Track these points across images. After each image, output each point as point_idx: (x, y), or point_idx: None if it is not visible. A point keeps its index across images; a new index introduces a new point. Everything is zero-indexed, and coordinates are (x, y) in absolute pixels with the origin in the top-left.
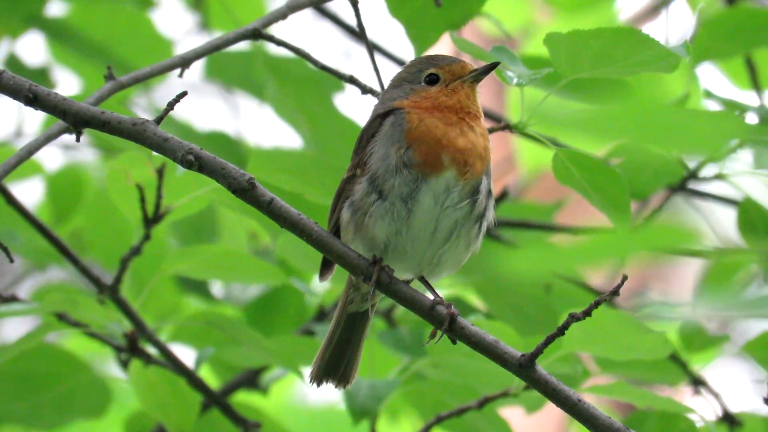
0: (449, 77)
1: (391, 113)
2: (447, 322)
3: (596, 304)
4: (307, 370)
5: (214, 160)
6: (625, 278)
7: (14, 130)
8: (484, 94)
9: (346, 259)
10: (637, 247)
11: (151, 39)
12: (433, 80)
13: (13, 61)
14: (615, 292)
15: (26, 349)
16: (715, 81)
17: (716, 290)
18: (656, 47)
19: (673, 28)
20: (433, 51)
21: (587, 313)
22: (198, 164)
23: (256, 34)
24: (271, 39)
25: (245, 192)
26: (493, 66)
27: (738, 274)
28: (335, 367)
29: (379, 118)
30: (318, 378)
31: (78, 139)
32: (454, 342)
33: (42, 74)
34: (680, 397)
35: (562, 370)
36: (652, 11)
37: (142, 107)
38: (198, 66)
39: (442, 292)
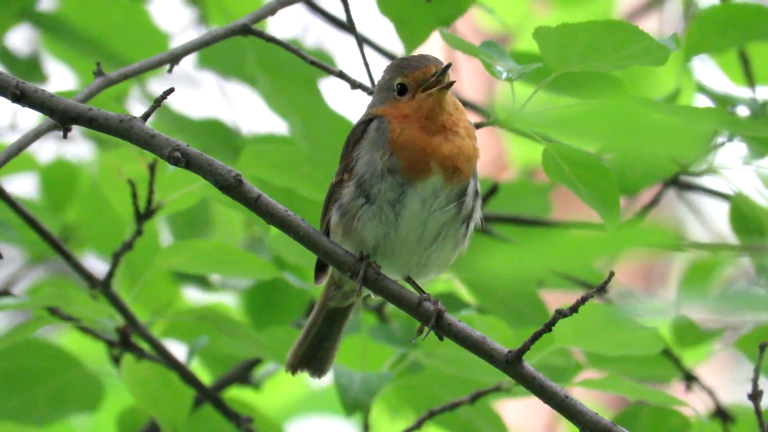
0: (415, 85)
1: (374, 119)
2: (434, 319)
3: (583, 301)
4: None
5: (200, 157)
6: (612, 274)
7: (8, 123)
8: (473, 88)
9: (333, 255)
10: (622, 246)
11: (146, 31)
12: (402, 90)
13: (4, 52)
14: (602, 289)
15: (18, 342)
16: (711, 74)
17: (698, 288)
18: (645, 40)
19: (669, 22)
20: (424, 48)
21: (574, 310)
22: (185, 161)
23: (246, 30)
24: (261, 35)
25: (232, 189)
26: (446, 68)
27: (720, 271)
28: (311, 357)
29: (363, 125)
30: (293, 367)
31: (65, 136)
32: (441, 338)
33: (33, 65)
34: (673, 393)
35: (553, 363)
36: (649, 6)
37: (135, 97)
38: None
39: (434, 288)
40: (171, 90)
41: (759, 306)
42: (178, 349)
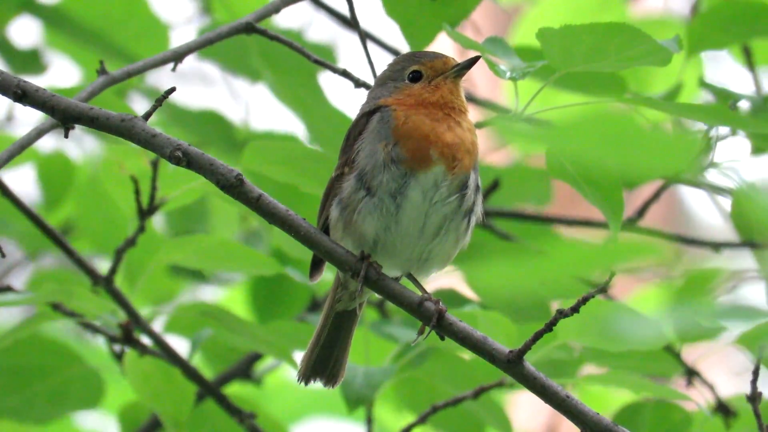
0: (432, 74)
1: (377, 111)
2: (435, 319)
3: (584, 301)
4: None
5: (201, 157)
6: (612, 274)
7: (5, 115)
8: (480, 84)
9: (334, 255)
10: (619, 258)
11: (147, 23)
12: (416, 77)
13: (3, 44)
14: (603, 289)
15: (20, 338)
16: (720, 63)
17: (689, 303)
18: (648, 42)
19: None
20: (431, 48)
21: (575, 310)
22: (186, 160)
23: (249, 28)
24: (264, 33)
25: (233, 188)
26: (474, 61)
27: (717, 281)
28: (323, 365)
29: (365, 116)
30: (306, 376)
31: (66, 135)
32: (442, 338)
33: (33, 57)
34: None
35: (556, 356)
36: None
37: (135, 92)
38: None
39: (436, 283)
40: (172, 89)
41: (753, 318)
42: (180, 345)
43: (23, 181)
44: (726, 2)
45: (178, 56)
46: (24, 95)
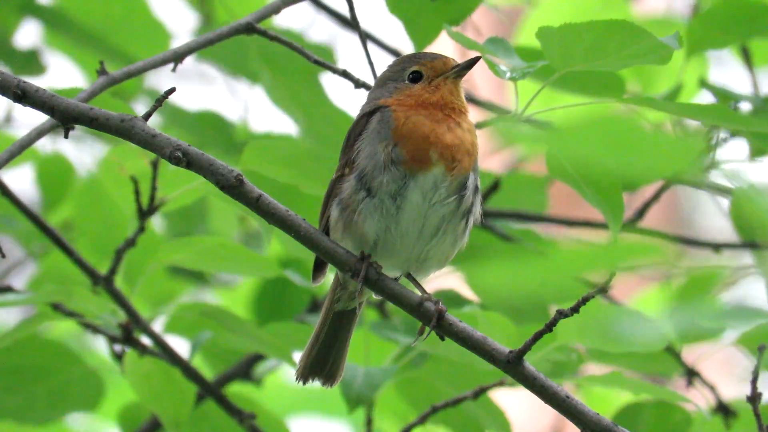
0: (432, 74)
1: (377, 111)
2: (435, 319)
3: (584, 301)
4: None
5: (201, 157)
6: (613, 274)
7: (4, 117)
8: (482, 84)
9: (334, 255)
10: (617, 260)
11: (147, 25)
12: (416, 78)
13: (3, 45)
14: (603, 290)
15: (20, 339)
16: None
17: (690, 305)
18: (649, 40)
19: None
20: (433, 48)
21: (575, 310)
22: (186, 160)
23: (250, 29)
24: (264, 33)
25: (233, 188)
26: (474, 61)
27: (717, 283)
28: (321, 364)
29: (365, 117)
30: (304, 375)
31: (66, 136)
32: (442, 338)
33: (32, 57)
34: (674, 389)
35: (556, 358)
36: None
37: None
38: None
39: (436, 283)
40: (172, 90)
41: (754, 319)
42: (180, 346)
43: (20, 181)
44: (726, 2)
45: (178, 56)
46: (24, 95)
